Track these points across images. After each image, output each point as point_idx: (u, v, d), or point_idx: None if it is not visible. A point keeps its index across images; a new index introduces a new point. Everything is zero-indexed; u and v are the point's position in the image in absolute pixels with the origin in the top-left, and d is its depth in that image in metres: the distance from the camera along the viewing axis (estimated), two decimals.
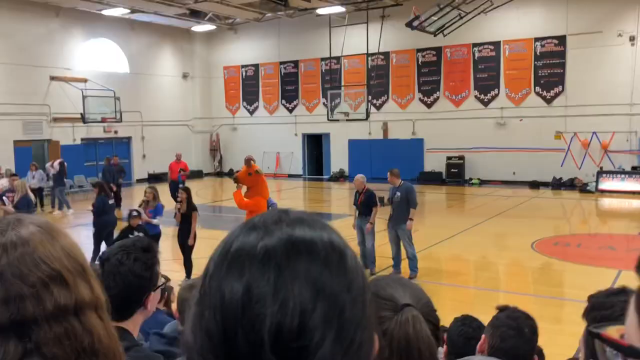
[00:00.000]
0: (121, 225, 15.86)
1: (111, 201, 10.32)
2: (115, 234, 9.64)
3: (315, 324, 0.61)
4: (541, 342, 1.61)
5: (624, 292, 1.23)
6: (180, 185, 16.45)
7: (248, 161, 8.81)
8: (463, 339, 2.48)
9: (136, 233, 7.62)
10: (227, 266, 0.65)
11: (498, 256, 11.01)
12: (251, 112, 28.46)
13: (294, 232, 0.66)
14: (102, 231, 9.76)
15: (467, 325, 2.59)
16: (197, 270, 8.65)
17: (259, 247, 0.64)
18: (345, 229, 13.08)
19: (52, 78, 22.20)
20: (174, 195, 16.08)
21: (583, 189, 20.00)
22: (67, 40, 22.86)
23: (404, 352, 1.12)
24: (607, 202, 18.32)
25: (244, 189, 8.75)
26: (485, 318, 7.22)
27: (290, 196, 21.66)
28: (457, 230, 13.07)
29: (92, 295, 0.85)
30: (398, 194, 9.08)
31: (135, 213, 8.04)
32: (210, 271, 0.67)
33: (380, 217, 9.86)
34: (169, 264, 9.42)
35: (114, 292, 1.71)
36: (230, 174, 26.48)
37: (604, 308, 1.19)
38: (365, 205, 9.28)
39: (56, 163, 17.05)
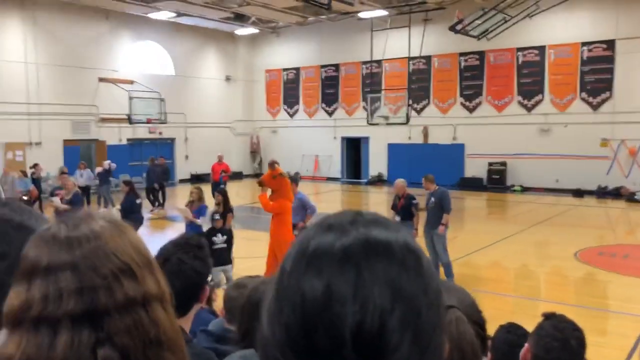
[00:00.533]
0: (160, 223, 16.29)
1: (139, 200, 10.65)
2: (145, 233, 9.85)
3: (394, 326, 0.62)
4: (588, 354, 1.53)
5: None
6: (220, 187, 16.73)
7: (272, 164, 8.90)
8: (508, 347, 2.43)
9: (220, 235, 7.86)
10: (305, 264, 0.66)
11: (540, 265, 10.77)
12: (291, 115, 28.66)
13: (370, 232, 0.67)
14: None
15: (512, 333, 2.53)
16: (236, 270, 8.75)
17: (337, 247, 0.65)
18: None
19: (101, 79, 22.88)
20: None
21: (630, 198, 19.34)
22: (114, 43, 23.53)
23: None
24: None
25: (269, 191, 8.82)
26: (526, 327, 7.05)
27: (327, 199, 21.70)
28: (497, 237, 12.85)
29: (158, 289, 0.88)
30: (432, 199, 9.06)
31: (217, 216, 8.23)
32: (288, 269, 0.68)
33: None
34: None
35: (177, 290, 1.74)
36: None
37: None
38: (405, 210, 9.23)
39: (112, 164, 17.59)
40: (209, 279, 1.96)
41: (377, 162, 25.96)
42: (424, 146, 24.63)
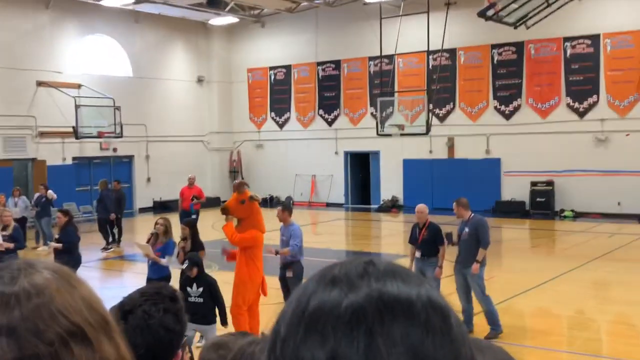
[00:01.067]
0: (115, 265, 16.24)
1: (78, 235, 10.95)
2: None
3: None
4: None
5: None
6: (191, 218, 16.70)
7: (239, 186, 8.89)
8: None
9: (195, 286, 7.80)
10: (304, 329, 0.66)
11: (600, 311, 10.76)
12: (281, 125, 28.80)
13: (385, 287, 0.67)
14: None
15: None
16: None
17: (344, 307, 0.65)
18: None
19: (39, 84, 23.02)
20: None
21: None
22: (57, 38, 23.73)
23: None
24: None
25: (235, 221, 8.81)
26: None
27: (329, 231, 21.69)
28: (545, 277, 12.85)
29: (117, 355, 0.88)
30: (466, 229, 9.06)
31: (185, 264, 8.19)
32: (282, 334, 0.68)
33: (447, 259, 9.77)
34: None
35: (140, 350, 1.77)
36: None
37: None
38: (428, 243, 9.25)
39: (52, 194, 17.62)
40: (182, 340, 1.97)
41: (390, 183, 26.03)
42: (450, 162, 24.71)
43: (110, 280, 14.36)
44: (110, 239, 17.80)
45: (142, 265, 10.84)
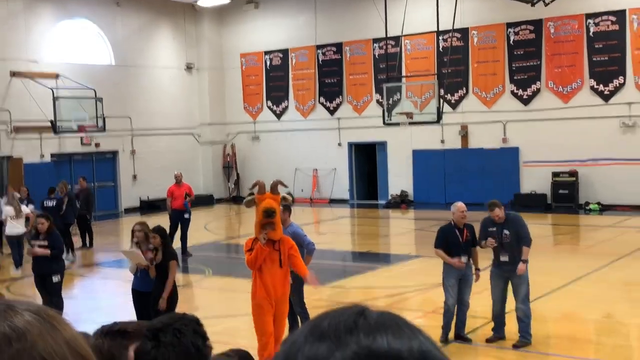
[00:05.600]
0: (84, 274, 16.24)
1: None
2: None
3: None
4: None
5: None
6: (184, 217, 16.64)
7: (276, 186, 8.62)
8: None
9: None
10: None
11: (631, 315, 10.81)
12: (278, 115, 28.81)
13: (374, 344, 0.69)
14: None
15: None
16: (210, 333, 8.71)
17: None
18: (420, 275, 13.01)
19: (13, 74, 23.03)
20: (174, 230, 16.35)
21: None
22: (32, 24, 23.71)
23: None
24: None
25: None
26: None
27: (333, 230, 21.72)
28: (569, 277, 12.90)
29: None
30: (506, 232, 9.16)
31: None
32: None
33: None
34: None
35: None
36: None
37: None
38: (469, 245, 9.32)
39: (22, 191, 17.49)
40: None
41: (398, 177, 26.04)
42: (463, 152, 24.72)
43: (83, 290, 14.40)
44: (81, 244, 17.69)
45: (118, 273, 10.86)
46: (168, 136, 27.64)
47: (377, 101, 25.52)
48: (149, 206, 25.67)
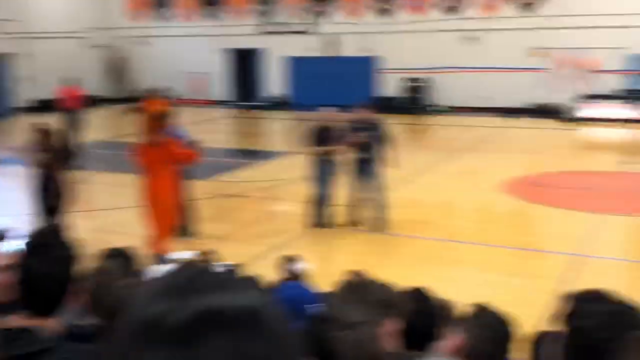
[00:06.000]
0: None
1: None
2: None
3: None
4: (514, 299, 1.72)
5: (603, 298, 1.32)
6: (76, 116, 15.88)
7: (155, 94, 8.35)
8: (421, 316, 2.63)
9: None
10: (136, 343, 0.69)
11: (464, 199, 11.44)
12: (162, 20, 27.61)
13: (209, 300, 0.71)
14: None
15: (423, 300, 2.76)
16: (104, 223, 8.59)
17: (171, 322, 0.69)
18: (292, 169, 13.13)
19: None
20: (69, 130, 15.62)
21: (563, 116, 20.76)
22: None
23: None
24: (590, 132, 19.15)
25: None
26: (449, 274, 7.50)
27: (216, 129, 21.44)
28: (419, 168, 13.41)
29: None
30: (369, 132, 9.32)
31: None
32: (119, 346, 0.72)
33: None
34: None
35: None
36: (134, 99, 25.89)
37: (582, 317, 1.32)
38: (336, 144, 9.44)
39: None
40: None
41: (276, 81, 25.82)
42: (333, 59, 24.67)
43: None
44: None
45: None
46: (57, 39, 25.86)
47: (254, 9, 24.86)
48: (42, 107, 24.24)
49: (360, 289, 2.14)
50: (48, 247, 2.01)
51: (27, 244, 2.07)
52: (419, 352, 2.45)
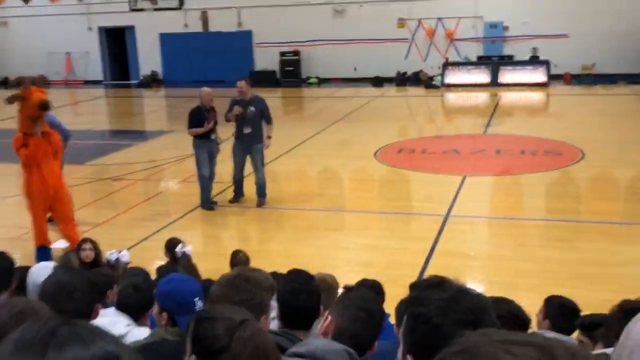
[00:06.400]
0: None
1: None
2: None
3: None
4: (391, 262, 1.81)
5: (442, 286, 1.50)
6: None
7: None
8: (290, 295, 2.62)
9: None
10: None
11: (342, 168, 11.80)
12: (26, 0, 25.86)
13: (62, 356, 0.77)
14: None
15: (295, 281, 2.72)
16: None
17: None
18: (174, 149, 12.92)
19: None
20: None
21: (428, 84, 21.73)
22: None
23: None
24: (453, 98, 20.20)
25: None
26: (332, 242, 7.78)
27: (89, 110, 20.64)
28: (296, 141, 13.62)
29: None
30: (252, 108, 9.27)
31: None
32: None
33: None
34: None
35: None
36: (5, 83, 24.34)
37: (421, 304, 1.44)
38: (215, 124, 9.39)
39: None
40: None
41: (148, 59, 25.10)
42: (205, 35, 24.35)
43: None
44: None
45: None
46: None
47: None
48: None
49: (238, 285, 2.28)
50: None
51: None
52: (306, 330, 2.52)
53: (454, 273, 1.79)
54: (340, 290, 3.29)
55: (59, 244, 7.11)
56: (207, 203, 9.46)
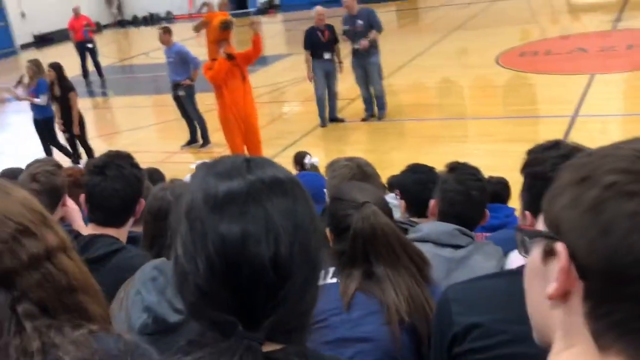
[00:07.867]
0: None
1: None
2: None
3: (297, 250, 0.87)
4: (516, 164, 1.75)
5: (557, 146, 1.53)
6: (88, 46, 15.54)
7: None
8: (419, 186, 2.82)
9: None
10: (219, 210, 0.86)
11: (462, 77, 11.39)
12: None
13: (265, 173, 0.89)
14: None
15: (419, 172, 2.93)
16: (122, 144, 8.69)
17: (245, 191, 0.86)
18: (293, 71, 13.02)
19: None
20: (85, 61, 15.48)
21: None
22: None
23: (371, 237, 1.66)
24: None
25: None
26: (454, 150, 7.57)
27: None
28: (413, 53, 13.26)
29: (58, 240, 1.04)
30: (360, 22, 9.02)
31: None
32: (199, 214, 0.87)
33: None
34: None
35: (120, 195, 2.12)
36: (136, 22, 25.24)
37: (538, 164, 1.49)
38: (331, 44, 9.19)
39: None
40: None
41: None
42: None
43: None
44: None
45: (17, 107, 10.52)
46: None
47: None
48: (42, 40, 23.81)
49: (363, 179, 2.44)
50: (113, 168, 2.15)
51: (94, 164, 2.21)
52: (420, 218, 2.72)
53: None
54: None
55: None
56: (325, 121, 9.48)
